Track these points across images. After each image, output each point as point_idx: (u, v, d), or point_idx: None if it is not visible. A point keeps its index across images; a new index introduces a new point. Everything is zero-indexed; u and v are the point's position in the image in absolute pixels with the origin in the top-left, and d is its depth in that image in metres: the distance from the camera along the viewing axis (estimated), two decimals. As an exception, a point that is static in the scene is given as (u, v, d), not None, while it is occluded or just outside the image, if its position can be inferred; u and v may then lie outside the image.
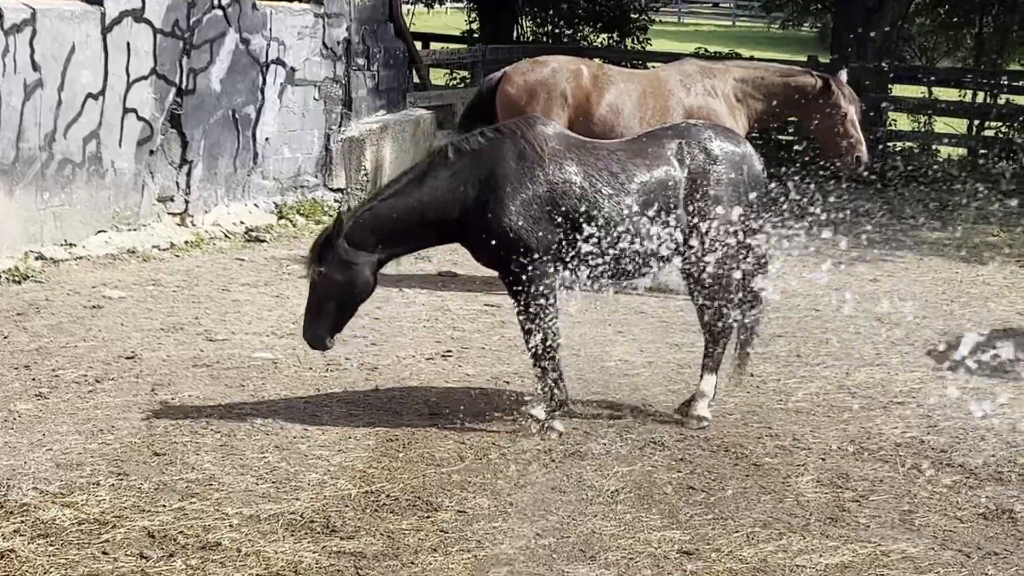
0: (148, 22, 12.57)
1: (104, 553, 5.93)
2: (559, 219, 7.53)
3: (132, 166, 12.57)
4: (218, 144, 13.65)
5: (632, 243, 7.62)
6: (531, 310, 7.62)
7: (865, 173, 12.46)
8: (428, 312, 10.83)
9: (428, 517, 6.48)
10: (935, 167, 19.05)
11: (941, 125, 21.25)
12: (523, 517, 6.54)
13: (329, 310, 7.62)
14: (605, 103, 11.32)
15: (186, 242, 12.96)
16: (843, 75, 12.23)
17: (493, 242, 7.53)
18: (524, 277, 7.55)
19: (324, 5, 15.03)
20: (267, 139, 14.33)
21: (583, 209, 7.55)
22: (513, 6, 27.06)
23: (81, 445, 7.25)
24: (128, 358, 9.02)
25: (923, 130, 20.75)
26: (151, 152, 12.80)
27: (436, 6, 32.69)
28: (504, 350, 9.62)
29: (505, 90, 11.54)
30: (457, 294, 11.50)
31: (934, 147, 20.73)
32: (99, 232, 12.30)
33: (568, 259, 7.61)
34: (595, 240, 7.56)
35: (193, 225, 13.36)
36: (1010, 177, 17.95)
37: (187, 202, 13.35)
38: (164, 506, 6.47)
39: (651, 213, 7.64)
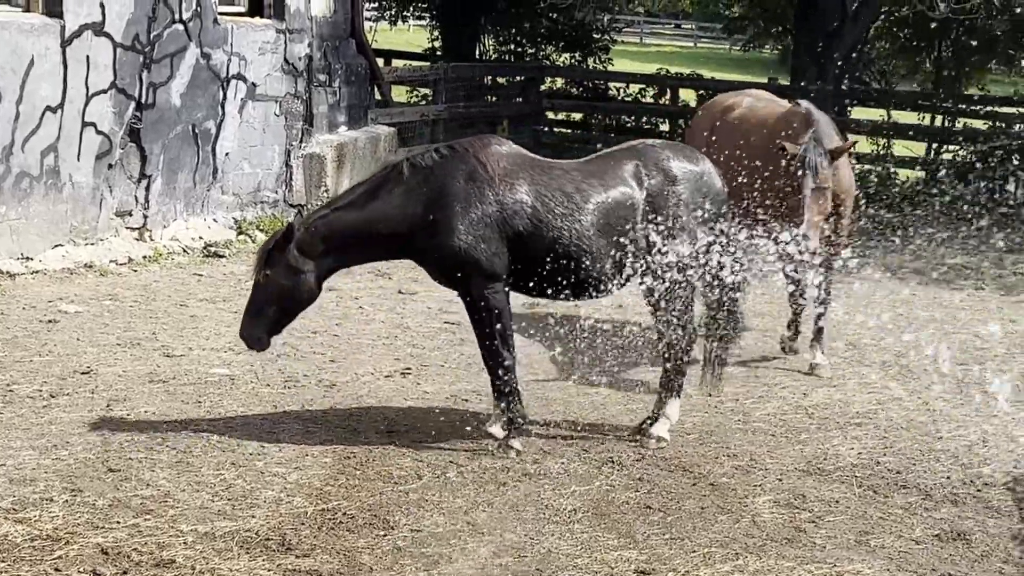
0: (108, 36, 12.50)
1: (57, 570, 5.88)
2: (511, 238, 7.54)
3: (90, 180, 12.49)
4: (177, 159, 13.58)
5: (588, 263, 7.63)
6: (487, 328, 7.63)
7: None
8: (387, 330, 10.81)
9: (384, 535, 6.46)
10: (894, 189, 19.20)
11: (900, 148, 21.42)
12: (480, 536, 6.52)
13: (269, 312, 7.69)
14: (718, 129, 11.29)
15: (144, 257, 12.88)
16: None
17: (444, 261, 7.57)
18: (477, 296, 7.57)
19: (286, 21, 15.00)
20: (227, 154, 14.27)
21: (535, 229, 7.56)
22: (476, 24, 27.14)
23: (35, 460, 7.18)
24: (84, 373, 8.95)
25: (882, 152, 20.88)
26: (110, 166, 12.72)
27: (399, 23, 32.73)
28: (463, 368, 9.60)
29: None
30: (417, 312, 11.48)
31: (892, 170, 20.89)
32: (56, 246, 12.21)
33: (522, 278, 7.63)
34: (549, 260, 7.57)
35: (151, 240, 13.28)
36: (967, 200, 18.09)
37: (145, 217, 13.27)
38: (118, 523, 6.42)
39: (607, 233, 7.66)
